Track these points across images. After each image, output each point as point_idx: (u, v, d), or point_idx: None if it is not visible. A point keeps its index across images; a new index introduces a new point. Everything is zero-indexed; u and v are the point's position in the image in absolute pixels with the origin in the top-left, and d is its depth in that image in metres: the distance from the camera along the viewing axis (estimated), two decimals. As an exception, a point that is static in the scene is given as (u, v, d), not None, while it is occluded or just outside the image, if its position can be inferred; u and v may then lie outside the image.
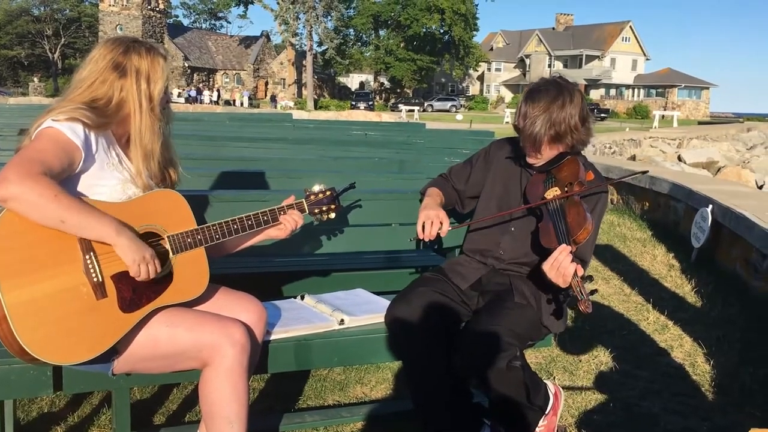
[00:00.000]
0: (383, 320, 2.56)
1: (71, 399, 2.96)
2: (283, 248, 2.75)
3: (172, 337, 2.04)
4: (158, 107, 2.14)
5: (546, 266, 2.29)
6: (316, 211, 2.44)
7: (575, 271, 2.23)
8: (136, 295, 1.99)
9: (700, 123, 50.50)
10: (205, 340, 2.05)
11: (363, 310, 2.66)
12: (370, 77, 73.68)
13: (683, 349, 3.96)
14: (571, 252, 2.27)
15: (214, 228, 2.17)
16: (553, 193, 2.45)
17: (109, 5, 59.20)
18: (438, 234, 2.57)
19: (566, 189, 2.43)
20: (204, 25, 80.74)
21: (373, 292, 2.95)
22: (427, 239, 2.58)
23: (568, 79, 2.52)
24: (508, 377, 2.28)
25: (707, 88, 69.01)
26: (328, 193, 2.46)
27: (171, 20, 69.85)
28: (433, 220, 2.56)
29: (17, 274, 1.82)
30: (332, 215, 2.47)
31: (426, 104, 60.04)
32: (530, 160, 2.54)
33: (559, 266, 2.25)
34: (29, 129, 2.01)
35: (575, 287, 2.23)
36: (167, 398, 3.05)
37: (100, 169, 2.04)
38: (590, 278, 2.25)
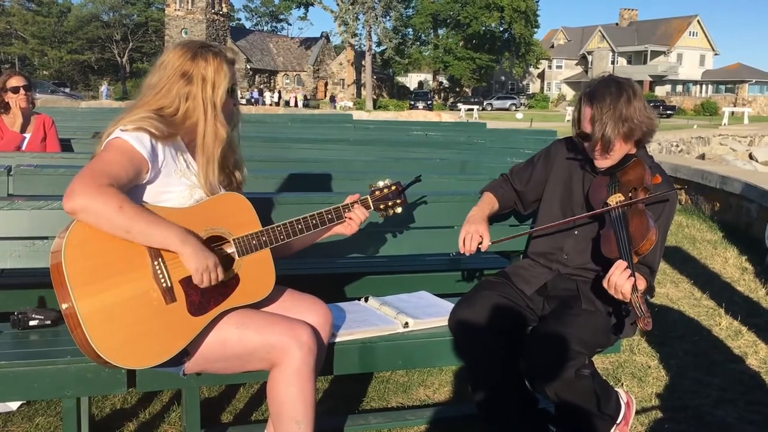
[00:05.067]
0: (447, 324, 2.54)
1: (143, 396, 3.04)
2: (346, 250, 2.76)
3: (241, 338, 2.07)
4: (221, 114, 2.13)
5: (605, 282, 2.24)
6: (382, 206, 2.40)
7: (635, 285, 2.16)
8: (205, 298, 2.02)
9: (773, 119, 48.41)
10: (274, 341, 2.07)
11: (427, 313, 2.65)
12: (429, 76, 73.44)
13: (758, 356, 3.80)
14: (632, 264, 2.20)
15: (279, 229, 2.18)
16: (616, 199, 2.36)
17: (175, 10, 60.92)
18: (479, 248, 2.54)
19: (630, 195, 2.34)
20: (265, 28, 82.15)
21: (436, 295, 2.93)
22: (467, 254, 2.54)
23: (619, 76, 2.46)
24: (577, 386, 2.23)
25: (781, 83, 66.24)
26: (393, 187, 2.42)
27: (234, 23, 71.30)
28: (473, 235, 2.53)
29: (89, 282, 1.87)
30: (398, 209, 2.42)
31: (485, 103, 59.43)
32: (599, 164, 2.45)
33: (617, 282, 2.19)
34: (102, 134, 2.07)
35: (634, 303, 2.16)
36: (234, 397, 3.10)
37: (167, 176, 2.07)
38: (651, 293, 2.17)
